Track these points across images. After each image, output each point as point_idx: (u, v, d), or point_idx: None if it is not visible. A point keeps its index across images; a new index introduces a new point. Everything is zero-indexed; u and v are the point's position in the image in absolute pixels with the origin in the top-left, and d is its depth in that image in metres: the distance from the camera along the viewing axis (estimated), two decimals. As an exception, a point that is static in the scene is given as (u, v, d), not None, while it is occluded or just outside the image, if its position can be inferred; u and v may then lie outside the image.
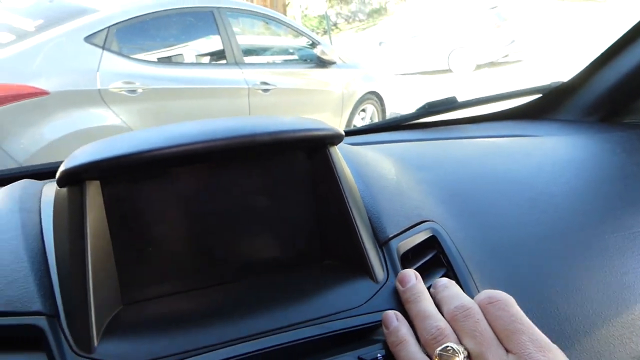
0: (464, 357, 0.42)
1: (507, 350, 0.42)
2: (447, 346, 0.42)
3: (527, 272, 0.63)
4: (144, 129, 0.52)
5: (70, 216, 0.47)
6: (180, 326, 0.46)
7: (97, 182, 0.47)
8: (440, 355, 0.42)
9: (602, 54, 1.02)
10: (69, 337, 0.43)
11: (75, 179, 0.46)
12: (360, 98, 4.56)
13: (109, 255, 0.48)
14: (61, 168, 0.46)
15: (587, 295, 0.62)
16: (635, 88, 1.00)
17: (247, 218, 0.53)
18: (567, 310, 0.60)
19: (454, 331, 0.44)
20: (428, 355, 0.43)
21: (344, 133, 0.56)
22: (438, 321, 0.45)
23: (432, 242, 0.61)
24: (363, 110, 4.69)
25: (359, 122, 4.58)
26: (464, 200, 0.71)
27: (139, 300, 0.50)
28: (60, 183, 0.47)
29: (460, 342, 0.43)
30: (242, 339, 0.45)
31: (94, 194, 0.47)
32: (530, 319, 0.59)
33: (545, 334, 0.58)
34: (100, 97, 2.71)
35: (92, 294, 0.44)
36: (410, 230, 0.60)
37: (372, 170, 0.68)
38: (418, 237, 0.60)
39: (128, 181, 0.49)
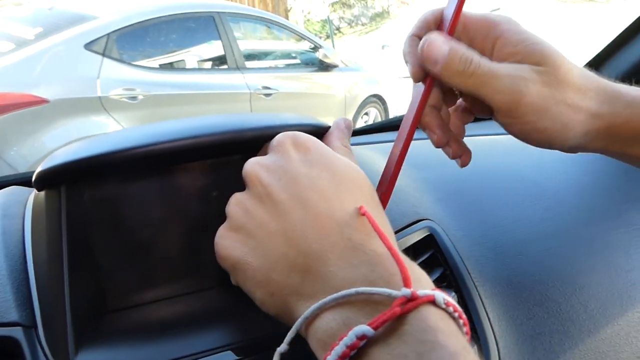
0: None
1: None
2: None
3: (530, 271, 0.61)
4: (129, 128, 0.50)
5: (48, 221, 0.45)
6: (164, 334, 0.45)
7: (77, 185, 0.45)
8: None
9: (602, 51, 1.00)
10: (46, 348, 0.41)
11: (51, 182, 0.44)
12: (363, 101, 4.55)
13: (91, 262, 0.46)
14: (37, 170, 0.44)
15: (591, 294, 0.60)
16: (637, 84, 0.98)
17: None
18: (570, 310, 0.58)
19: None
20: None
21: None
22: None
23: (430, 241, 0.59)
24: (366, 113, 4.68)
25: (362, 125, 4.56)
26: (463, 199, 0.69)
27: (124, 308, 0.48)
28: (37, 186, 0.45)
29: None
30: (231, 345, 0.44)
31: (73, 197, 0.45)
32: (532, 319, 0.57)
33: (549, 334, 0.56)
34: (101, 105, 2.71)
35: (69, 302, 0.42)
36: (407, 229, 0.58)
37: (369, 169, 0.65)
38: (414, 236, 0.58)
39: (110, 183, 0.47)
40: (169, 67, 3.30)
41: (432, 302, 0.31)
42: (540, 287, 0.59)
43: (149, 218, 0.48)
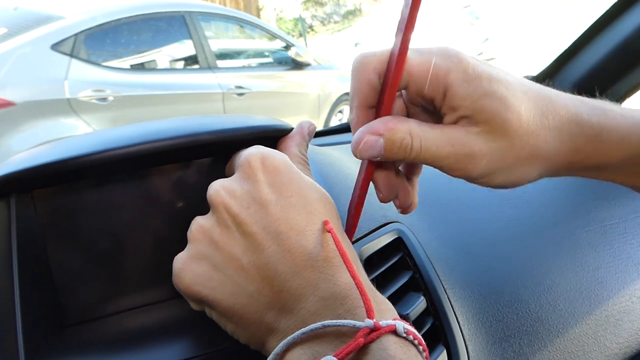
0: None
1: None
2: None
3: (499, 272, 0.61)
4: (84, 134, 0.48)
5: None
6: (127, 346, 0.43)
7: (28, 195, 0.43)
8: None
9: (569, 48, 1.00)
10: None
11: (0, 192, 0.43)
12: (337, 99, 4.55)
13: (47, 275, 0.44)
14: None
15: (559, 294, 0.60)
16: (604, 79, 0.99)
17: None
18: (539, 311, 0.58)
19: None
20: None
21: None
22: None
23: (398, 244, 0.58)
24: (340, 111, 4.67)
25: (336, 123, 4.56)
26: (433, 200, 0.68)
27: (85, 321, 0.46)
28: None
29: None
30: (198, 357, 0.42)
31: (24, 208, 0.43)
32: (502, 321, 0.57)
33: (518, 336, 0.56)
34: (70, 107, 2.65)
35: (20, 319, 0.40)
36: (375, 232, 0.57)
37: (337, 170, 0.65)
38: (383, 240, 0.57)
39: (65, 192, 0.45)
40: (140, 67, 3.25)
41: (394, 331, 0.32)
42: (509, 288, 0.59)
43: (108, 228, 0.47)
